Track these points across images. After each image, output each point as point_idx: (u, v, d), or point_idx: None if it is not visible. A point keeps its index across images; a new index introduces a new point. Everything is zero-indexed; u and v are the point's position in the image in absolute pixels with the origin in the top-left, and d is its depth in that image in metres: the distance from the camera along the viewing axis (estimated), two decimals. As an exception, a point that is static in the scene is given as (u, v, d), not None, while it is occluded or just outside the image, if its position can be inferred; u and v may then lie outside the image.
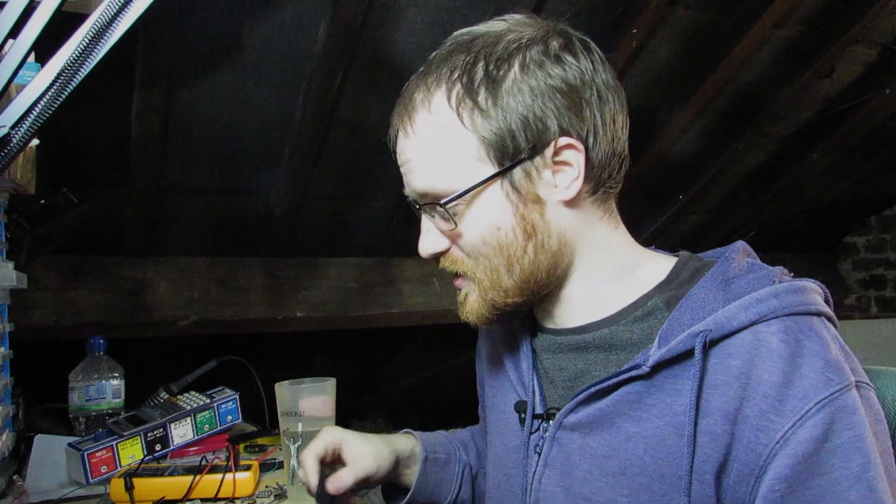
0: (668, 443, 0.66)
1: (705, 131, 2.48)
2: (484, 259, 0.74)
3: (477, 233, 0.74)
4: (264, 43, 1.66)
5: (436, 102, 0.73)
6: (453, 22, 1.75)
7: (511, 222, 0.73)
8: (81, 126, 1.61)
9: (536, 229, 0.73)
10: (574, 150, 0.72)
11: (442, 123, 0.73)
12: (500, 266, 0.74)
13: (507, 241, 0.73)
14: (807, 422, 0.61)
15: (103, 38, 0.70)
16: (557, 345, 0.79)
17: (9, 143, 0.70)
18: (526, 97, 0.70)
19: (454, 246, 0.77)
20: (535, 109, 0.71)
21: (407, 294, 2.44)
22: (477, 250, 0.74)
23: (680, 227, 2.99)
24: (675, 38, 2.07)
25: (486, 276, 0.75)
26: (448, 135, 0.72)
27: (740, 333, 0.66)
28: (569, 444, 0.74)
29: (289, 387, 1.09)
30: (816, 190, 3.10)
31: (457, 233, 0.75)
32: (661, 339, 0.68)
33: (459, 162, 0.72)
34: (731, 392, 0.64)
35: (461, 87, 0.72)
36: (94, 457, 1.18)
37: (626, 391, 0.70)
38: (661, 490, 0.66)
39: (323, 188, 2.09)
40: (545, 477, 0.76)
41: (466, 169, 0.72)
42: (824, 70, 2.34)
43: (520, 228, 0.73)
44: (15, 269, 1.15)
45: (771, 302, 0.66)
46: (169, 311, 2.05)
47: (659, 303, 0.73)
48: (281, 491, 1.11)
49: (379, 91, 1.87)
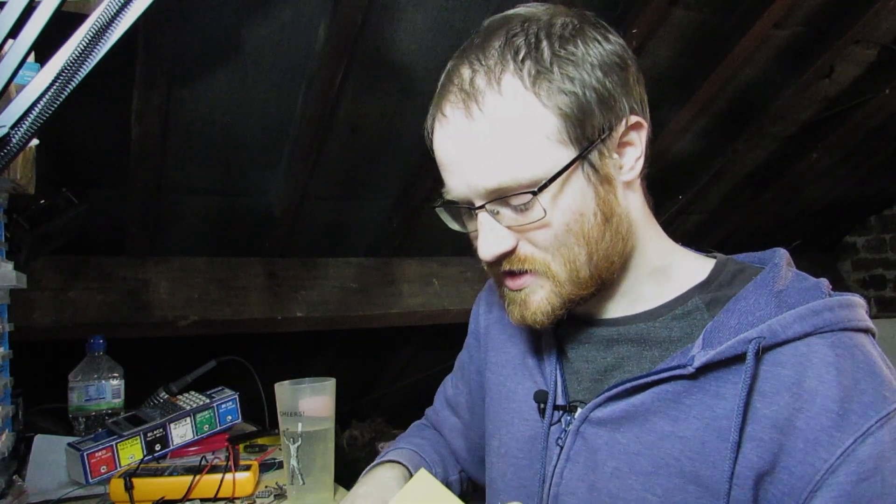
0: (707, 445, 0.65)
1: (705, 131, 2.48)
2: (564, 250, 0.69)
3: (562, 221, 0.68)
4: (264, 43, 1.66)
5: (506, 83, 0.67)
6: (453, 22, 1.75)
7: (593, 207, 0.69)
8: (81, 126, 1.61)
9: (613, 212, 0.70)
10: (639, 129, 0.71)
11: (518, 104, 0.67)
12: (580, 256, 0.69)
13: (589, 227, 0.69)
14: (868, 438, 0.60)
15: (103, 38, 0.70)
16: (587, 336, 0.77)
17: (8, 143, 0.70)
18: (598, 73, 0.68)
19: (522, 242, 0.71)
20: (607, 86, 0.68)
21: (407, 294, 2.44)
22: (558, 241, 0.69)
23: (680, 226, 2.99)
24: (674, 38, 2.07)
25: (564, 268, 0.70)
26: (526, 116, 0.67)
27: (793, 343, 0.65)
28: (595, 440, 0.72)
29: (289, 387, 1.09)
30: (816, 190, 3.10)
31: (543, 223, 0.68)
32: (705, 340, 0.67)
33: (540, 146, 0.67)
34: (782, 401, 0.63)
35: (532, 64, 0.67)
36: (94, 457, 1.18)
37: (664, 388, 0.68)
38: (696, 493, 0.65)
39: (323, 188, 2.09)
40: (567, 471, 0.74)
41: (547, 153, 0.67)
42: (824, 70, 2.34)
43: (600, 213, 0.69)
44: (15, 269, 1.15)
45: (826, 315, 0.65)
46: (169, 311, 2.05)
47: (700, 303, 0.72)
48: (281, 491, 1.11)
49: (379, 91, 1.87)
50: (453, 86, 0.70)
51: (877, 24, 2.20)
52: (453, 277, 2.53)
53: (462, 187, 0.70)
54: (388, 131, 2.00)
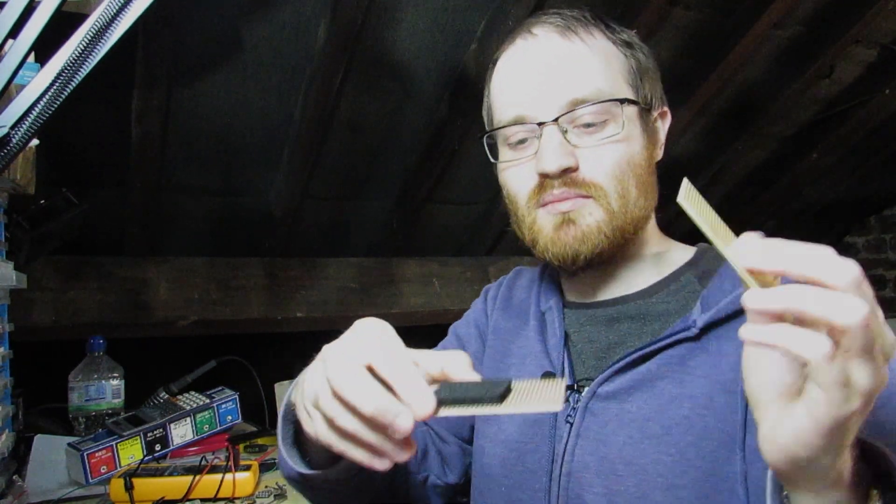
0: (715, 401, 0.68)
1: (705, 131, 2.48)
2: (622, 179, 0.74)
3: (627, 148, 0.75)
4: (264, 43, 1.66)
5: (592, 29, 0.78)
6: (453, 22, 1.75)
7: (646, 154, 0.77)
8: (81, 126, 1.61)
9: (653, 171, 0.78)
10: (665, 119, 0.82)
11: (604, 43, 0.77)
12: (631, 191, 0.75)
13: (642, 169, 0.76)
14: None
15: (103, 38, 0.70)
16: (586, 317, 0.81)
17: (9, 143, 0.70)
18: (644, 53, 0.80)
19: (584, 164, 0.75)
20: (651, 69, 0.80)
21: (407, 294, 2.44)
22: (619, 168, 0.74)
23: (680, 227, 2.98)
24: (674, 38, 2.07)
25: (618, 199, 0.74)
26: (610, 52, 0.77)
27: None
28: (604, 414, 0.74)
29: (289, 387, 1.09)
30: (816, 190, 3.10)
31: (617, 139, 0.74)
32: (703, 305, 0.72)
33: (618, 77, 0.76)
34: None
35: (606, 27, 0.78)
36: (94, 457, 1.18)
37: (669, 354, 0.71)
38: (709, 447, 0.67)
39: (323, 188, 2.09)
40: (578, 448, 0.75)
41: (622, 86, 0.76)
42: (824, 70, 2.34)
43: (648, 163, 0.77)
44: (15, 269, 1.15)
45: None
46: (169, 312, 2.05)
47: (692, 278, 0.77)
48: (281, 491, 1.11)
49: (379, 91, 1.87)
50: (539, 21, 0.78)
51: (877, 24, 2.19)
52: (453, 277, 2.53)
53: (537, 100, 0.75)
54: (388, 131, 2.00)
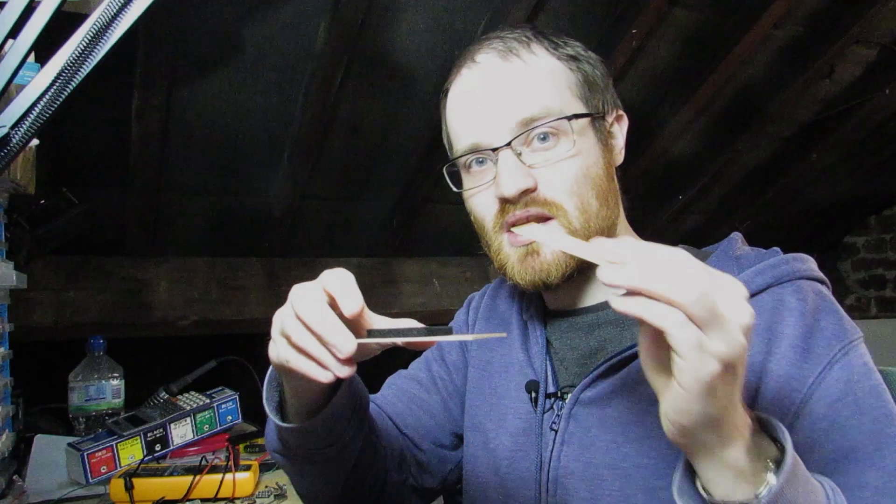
0: None
1: (705, 131, 2.48)
2: (581, 194, 0.75)
3: (583, 161, 0.76)
4: (264, 43, 1.66)
5: (535, 47, 0.78)
6: (453, 22, 1.75)
7: (602, 163, 0.78)
8: (81, 126, 1.61)
9: (613, 178, 0.79)
10: (621, 123, 0.82)
11: (546, 60, 0.78)
12: (592, 204, 0.75)
13: (600, 179, 0.77)
14: (835, 366, 0.67)
15: (103, 38, 0.70)
16: (567, 324, 0.81)
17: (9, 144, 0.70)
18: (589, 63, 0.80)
19: (542, 183, 0.75)
20: (598, 76, 0.80)
21: (407, 294, 2.44)
22: (578, 182, 0.75)
23: (680, 227, 2.98)
24: (674, 38, 2.07)
25: (579, 214, 0.75)
26: (553, 68, 0.78)
27: (758, 295, 0.71)
28: (587, 419, 0.75)
29: (289, 387, 1.09)
30: (816, 190, 3.10)
31: (570, 154, 0.74)
32: None
33: (564, 91, 0.77)
34: (756, 347, 0.68)
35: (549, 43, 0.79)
36: (94, 457, 1.18)
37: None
38: None
39: (323, 188, 2.09)
40: (563, 454, 0.76)
41: (570, 100, 0.77)
42: (824, 70, 2.34)
43: (606, 172, 0.78)
44: (15, 269, 1.15)
45: (783, 267, 0.73)
46: (169, 311, 2.05)
47: None
48: (281, 491, 1.11)
49: (379, 91, 1.87)
50: (482, 47, 0.79)
51: (877, 24, 2.20)
52: (453, 277, 2.53)
53: (488, 126, 0.76)
54: (388, 131, 2.00)
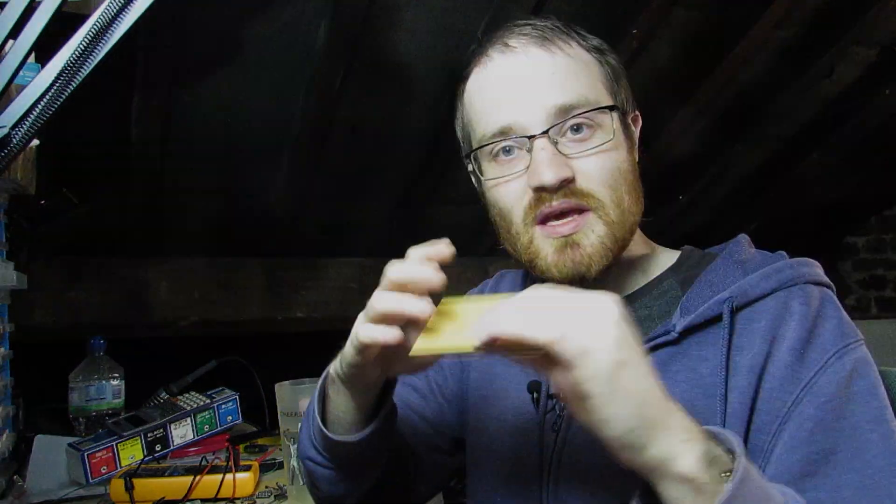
0: (696, 404, 0.69)
1: (705, 131, 2.48)
2: (616, 187, 0.74)
3: (617, 155, 0.76)
4: (265, 43, 1.66)
5: (566, 39, 0.78)
6: (453, 22, 1.75)
7: (631, 158, 0.78)
8: (82, 126, 1.60)
9: (639, 176, 0.79)
10: (637, 123, 0.82)
11: (581, 51, 0.78)
12: (625, 199, 0.75)
13: (632, 176, 0.77)
14: (828, 370, 0.67)
15: (103, 38, 0.71)
16: None
17: (9, 144, 0.70)
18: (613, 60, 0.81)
19: (579, 174, 0.74)
20: (621, 74, 0.80)
21: (407, 294, 2.43)
22: (612, 176, 0.74)
23: (680, 227, 2.98)
24: (675, 39, 2.07)
25: (615, 207, 0.74)
26: (588, 60, 0.78)
27: (763, 300, 0.71)
28: None
29: (289, 387, 1.09)
30: (816, 190, 3.10)
31: (608, 147, 0.74)
32: (682, 310, 0.73)
33: (598, 84, 0.77)
34: (757, 349, 0.69)
35: (578, 37, 0.79)
36: (94, 457, 1.18)
37: (651, 358, 0.70)
38: None
39: (323, 188, 2.09)
40: (565, 455, 0.76)
41: (603, 92, 0.77)
42: (824, 70, 2.34)
43: (633, 169, 0.78)
44: (15, 269, 1.15)
45: (788, 272, 0.73)
46: (169, 312, 2.05)
47: (674, 283, 0.79)
48: (281, 491, 1.11)
49: (379, 91, 1.87)
50: (512, 33, 0.78)
51: (877, 25, 2.19)
52: (453, 277, 2.51)
53: (523, 111, 0.74)
54: (389, 131, 2.00)
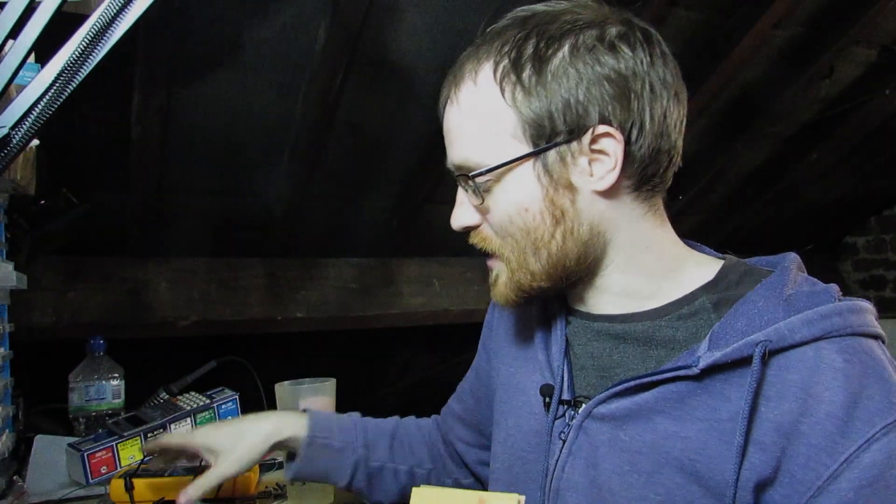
0: (710, 446, 0.65)
1: (705, 131, 2.48)
2: (511, 239, 0.74)
3: (504, 211, 0.73)
4: (265, 43, 1.66)
5: (482, 74, 0.72)
6: (453, 22, 1.75)
7: (539, 205, 0.72)
8: (82, 126, 1.61)
9: (566, 216, 0.72)
10: (612, 140, 0.70)
11: (484, 96, 0.72)
12: (526, 248, 0.73)
13: (535, 223, 0.72)
14: (873, 445, 0.60)
15: (103, 38, 0.70)
16: (592, 331, 0.78)
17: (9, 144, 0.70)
18: (571, 80, 0.69)
19: (485, 223, 0.76)
20: (578, 94, 0.69)
21: (407, 294, 2.44)
22: (504, 229, 0.74)
23: (680, 227, 2.94)
24: (675, 38, 2.07)
25: (514, 256, 0.74)
26: (488, 108, 0.72)
27: (801, 348, 0.64)
28: (597, 435, 0.72)
29: (289, 387, 1.09)
30: (816, 190, 3.10)
31: (485, 208, 0.74)
32: (711, 342, 0.67)
33: (495, 137, 0.72)
34: (787, 406, 0.62)
35: (508, 61, 0.71)
36: (94, 457, 1.18)
37: (669, 388, 0.68)
38: (698, 493, 0.65)
39: (323, 188, 2.09)
40: (569, 465, 0.74)
41: (501, 145, 0.72)
42: (824, 70, 2.34)
43: (548, 213, 0.72)
44: (15, 269, 1.15)
45: (834, 319, 0.65)
46: (169, 312, 2.05)
47: (706, 303, 0.72)
48: (281, 491, 1.11)
49: (379, 91, 1.87)
50: (454, 67, 0.77)
51: (877, 25, 2.19)
52: (454, 278, 2.53)
53: (448, 158, 0.77)
54: (389, 131, 2.00)
